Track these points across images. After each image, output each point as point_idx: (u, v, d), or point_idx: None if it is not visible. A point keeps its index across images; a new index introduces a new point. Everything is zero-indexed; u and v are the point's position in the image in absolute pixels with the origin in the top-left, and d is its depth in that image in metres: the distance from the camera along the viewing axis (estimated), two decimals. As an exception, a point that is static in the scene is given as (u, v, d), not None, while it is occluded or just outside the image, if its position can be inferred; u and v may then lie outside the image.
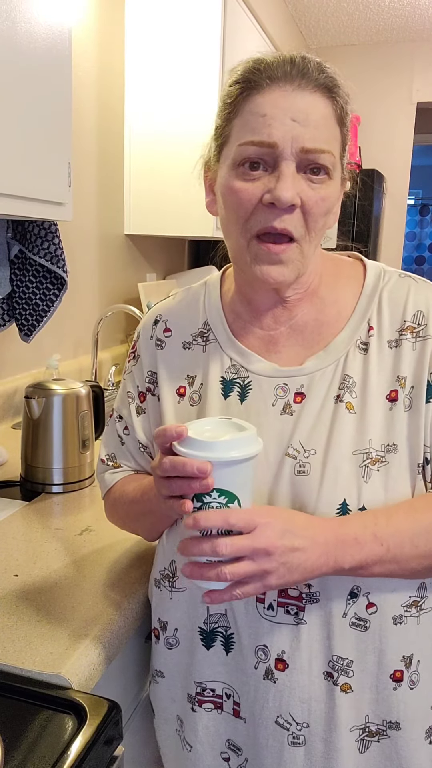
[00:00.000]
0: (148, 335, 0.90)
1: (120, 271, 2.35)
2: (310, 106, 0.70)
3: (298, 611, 0.75)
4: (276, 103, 0.69)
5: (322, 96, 0.71)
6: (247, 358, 0.82)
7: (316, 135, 0.69)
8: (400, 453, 0.74)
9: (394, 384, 0.76)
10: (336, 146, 0.73)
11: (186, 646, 0.83)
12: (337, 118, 0.72)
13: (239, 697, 0.80)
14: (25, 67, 1.14)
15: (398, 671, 0.76)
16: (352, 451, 0.74)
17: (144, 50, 2.20)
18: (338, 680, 0.75)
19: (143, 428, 0.89)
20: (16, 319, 1.56)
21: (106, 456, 0.94)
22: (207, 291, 0.89)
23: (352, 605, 0.74)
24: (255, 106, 0.70)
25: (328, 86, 0.71)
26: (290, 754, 0.78)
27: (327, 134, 0.71)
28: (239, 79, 0.72)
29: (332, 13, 3.34)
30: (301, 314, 0.81)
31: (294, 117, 0.69)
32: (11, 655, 0.76)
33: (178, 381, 0.86)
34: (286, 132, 0.69)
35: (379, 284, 0.81)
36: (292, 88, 0.70)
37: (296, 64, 0.70)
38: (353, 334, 0.79)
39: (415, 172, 4.20)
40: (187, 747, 0.86)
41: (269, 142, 0.69)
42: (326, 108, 0.71)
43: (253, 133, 0.70)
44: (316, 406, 0.77)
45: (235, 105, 0.73)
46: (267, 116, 0.69)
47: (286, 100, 0.69)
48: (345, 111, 0.74)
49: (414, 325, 0.77)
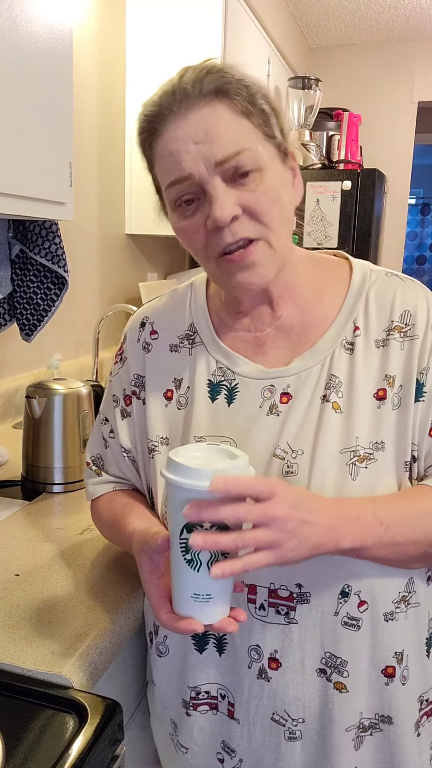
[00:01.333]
0: (135, 338, 0.89)
1: (121, 270, 2.35)
2: (204, 122, 0.69)
3: (289, 611, 0.75)
4: (175, 137, 0.70)
5: (210, 104, 0.70)
6: (233, 361, 0.81)
7: (222, 144, 0.69)
8: (387, 450, 0.74)
9: (382, 383, 0.76)
10: (252, 138, 0.71)
11: (177, 652, 0.83)
12: (239, 111, 0.70)
13: (233, 697, 0.80)
14: (27, 67, 1.14)
15: (390, 667, 0.76)
16: (339, 449, 0.74)
17: (145, 50, 2.19)
18: (331, 677, 0.76)
19: (127, 432, 0.88)
20: (17, 319, 1.56)
21: (91, 458, 0.94)
22: (193, 292, 0.88)
23: (344, 605, 0.74)
24: (161, 149, 0.72)
25: (213, 90, 0.70)
26: (287, 749, 0.78)
27: (234, 135, 0.70)
28: (140, 130, 0.75)
29: (333, 12, 3.34)
30: (287, 315, 0.81)
31: (195, 140, 0.69)
32: (12, 654, 0.76)
33: (165, 384, 0.85)
34: (194, 157, 0.70)
35: (365, 284, 0.80)
36: (181, 116, 0.70)
37: (175, 91, 0.70)
38: (339, 334, 0.78)
39: (417, 171, 4.19)
40: (182, 750, 0.86)
41: (184, 175, 0.71)
42: (221, 111, 0.70)
43: (170, 174, 0.72)
44: (303, 406, 0.77)
45: (148, 156, 0.76)
46: (173, 152, 0.71)
47: (181, 129, 0.70)
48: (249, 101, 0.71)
49: (402, 324, 0.77)
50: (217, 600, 0.65)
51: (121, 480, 0.92)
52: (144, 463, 0.87)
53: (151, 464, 0.85)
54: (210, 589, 0.64)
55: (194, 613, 0.65)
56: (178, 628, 0.65)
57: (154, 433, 0.84)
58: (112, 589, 0.90)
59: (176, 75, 0.72)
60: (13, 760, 0.62)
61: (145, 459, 0.87)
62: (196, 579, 0.63)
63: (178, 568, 0.64)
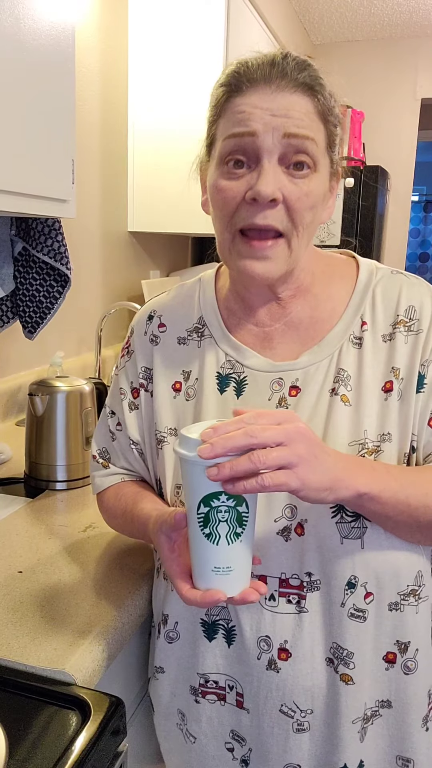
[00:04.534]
0: (142, 331, 0.90)
1: (123, 268, 2.35)
2: (290, 104, 0.71)
3: (300, 600, 0.76)
4: (255, 104, 0.71)
5: (302, 95, 0.72)
6: (242, 354, 0.83)
7: (297, 123, 0.71)
8: (393, 441, 0.76)
9: (389, 375, 0.78)
10: (320, 137, 0.73)
11: (187, 638, 0.84)
12: (319, 114, 0.73)
13: (242, 688, 0.81)
14: (29, 64, 1.14)
15: (391, 653, 0.77)
16: (348, 442, 0.75)
17: (147, 47, 2.19)
18: (338, 668, 0.76)
19: (135, 425, 0.89)
20: (20, 317, 1.56)
21: (98, 451, 0.95)
22: (201, 287, 0.90)
23: (350, 596, 0.75)
24: (236, 106, 0.73)
25: (308, 84, 0.72)
26: (295, 741, 0.79)
27: (310, 124, 0.72)
28: (223, 82, 0.75)
29: (336, 8, 3.33)
30: (296, 311, 0.82)
31: (274, 113, 0.71)
32: (15, 651, 0.76)
33: (174, 376, 0.86)
34: (266, 123, 0.71)
35: (371, 281, 0.82)
36: (271, 90, 0.71)
37: (276, 65, 0.71)
38: (347, 329, 0.80)
39: (420, 168, 4.19)
40: (190, 739, 0.87)
41: (249, 131, 0.71)
42: (307, 105, 0.72)
43: (235, 126, 0.72)
44: (312, 399, 0.78)
45: (219, 107, 0.76)
46: (246, 112, 0.72)
47: (265, 101, 0.71)
48: (328, 108, 0.74)
49: (406, 319, 0.79)
50: (238, 572, 0.66)
51: (128, 472, 0.93)
52: (152, 454, 0.88)
53: (160, 455, 0.86)
54: (230, 561, 0.65)
55: (216, 586, 0.66)
56: (202, 601, 0.66)
57: (163, 424, 0.86)
58: (114, 586, 0.91)
59: (278, 52, 0.73)
60: (17, 756, 0.62)
61: (153, 450, 0.88)
62: (215, 552, 0.65)
63: (198, 543, 0.65)
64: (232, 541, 0.64)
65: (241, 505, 0.64)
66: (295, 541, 0.75)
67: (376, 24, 3.55)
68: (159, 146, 2.23)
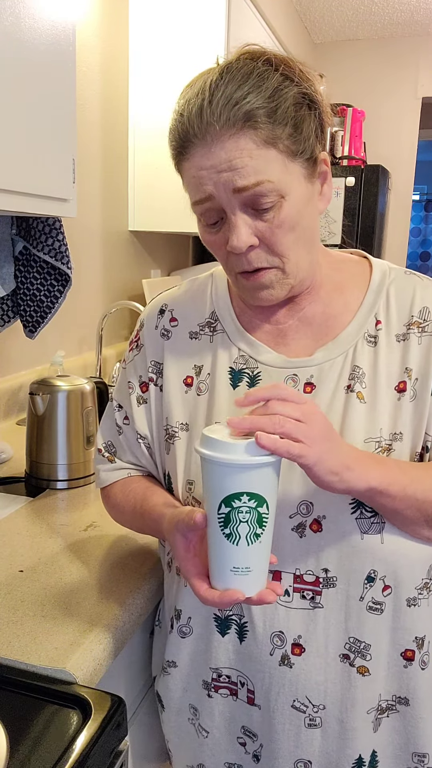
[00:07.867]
0: (153, 325, 0.90)
1: (124, 267, 2.35)
2: (229, 153, 0.70)
3: (315, 596, 0.76)
4: (200, 165, 0.72)
5: (240, 134, 0.69)
6: (256, 349, 0.83)
7: (242, 173, 0.70)
8: (404, 441, 0.77)
9: (403, 375, 0.78)
10: (274, 166, 0.71)
11: (200, 633, 0.84)
12: (264, 141, 0.70)
13: (253, 685, 0.81)
14: (29, 63, 1.14)
15: (410, 650, 0.78)
16: (363, 439, 0.76)
17: (148, 45, 2.19)
18: (355, 662, 0.77)
19: (144, 419, 0.89)
20: (21, 316, 1.56)
21: (103, 445, 0.94)
22: (214, 282, 0.90)
23: (369, 589, 0.76)
24: (186, 171, 0.75)
25: (239, 121, 0.69)
26: (307, 737, 0.79)
27: (256, 165, 0.70)
28: (170, 145, 0.77)
29: (337, 7, 3.33)
30: (309, 307, 0.83)
31: (218, 169, 0.71)
32: (16, 650, 0.76)
33: (185, 371, 0.86)
34: (216, 182, 0.72)
35: (385, 281, 0.83)
36: (207, 145, 0.71)
37: (203, 115, 0.70)
38: (361, 327, 0.81)
39: (420, 167, 4.18)
40: (203, 733, 0.87)
41: (205, 196, 0.73)
42: (247, 143, 0.70)
43: (194, 194, 0.75)
44: (327, 396, 0.79)
45: (178, 169, 0.78)
46: (196, 177, 0.73)
47: (207, 159, 0.72)
48: (274, 121, 0.70)
49: (420, 320, 0.80)
50: (256, 572, 0.67)
51: (135, 466, 0.93)
52: (160, 449, 0.88)
53: (171, 450, 0.85)
54: (249, 561, 0.66)
55: (234, 586, 0.66)
56: (221, 601, 0.66)
57: (174, 419, 0.85)
58: (115, 585, 0.91)
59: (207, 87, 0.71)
60: (18, 755, 0.62)
61: (161, 445, 0.88)
62: (235, 552, 0.65)
63: (217, 543, 0.66)
64: (251, 541, 0.64)
65: (261, 506, 0.64)
66: (310, 537, 0.76)
67: (377, 23, 3.54)
68: (159, 145, 2.22)
